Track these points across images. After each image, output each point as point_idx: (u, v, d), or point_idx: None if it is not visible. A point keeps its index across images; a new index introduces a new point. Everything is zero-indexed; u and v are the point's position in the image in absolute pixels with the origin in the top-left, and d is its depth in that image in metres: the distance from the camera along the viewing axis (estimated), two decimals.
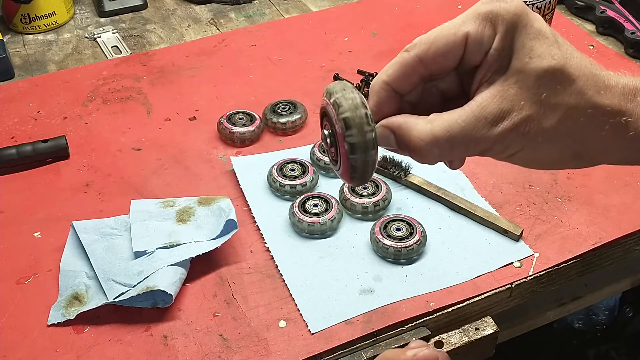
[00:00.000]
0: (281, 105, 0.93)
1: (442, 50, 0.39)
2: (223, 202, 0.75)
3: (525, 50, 0.36)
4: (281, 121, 0.90)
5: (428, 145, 0.39)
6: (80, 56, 1.10)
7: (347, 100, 0.40)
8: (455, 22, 0.38)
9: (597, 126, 0.38)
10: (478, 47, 0.38)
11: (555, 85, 0.36)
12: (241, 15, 1.21)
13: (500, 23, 0.37)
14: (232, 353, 0.64)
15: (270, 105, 0.93)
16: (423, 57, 0.40)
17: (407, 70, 0.41)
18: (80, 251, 0.73)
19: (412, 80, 0.41)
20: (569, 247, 0.74)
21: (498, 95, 0.37)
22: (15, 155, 0.85)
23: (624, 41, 1.08)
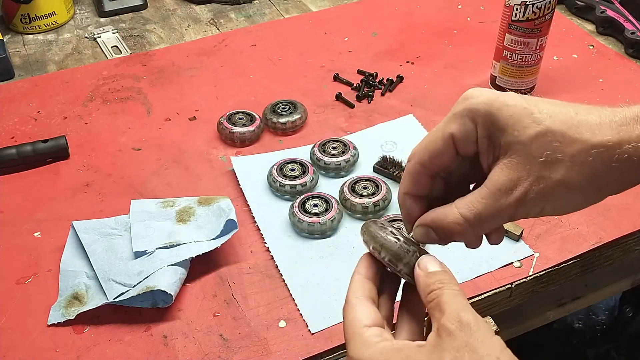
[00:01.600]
0: (281, 105, 0.93)
1: (436, 153, 0.45)
2: (223, 202, 0.75)
3: (509, 128, 0.42)
4: (281, 121, 0.90)
5: (462, 227, 0.44)
6: (80, 56, 1.10)
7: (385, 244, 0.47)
8: (440, 127, 0.45)
9: (605, 161, 0.41)
10: (466, 140, 0.44)
11: (550, 143, 0.41)
12: (241, 15, 1.21)
13: (477, 115, 0.43)
14: (232, 353, 0.64)
15: (270, 105, 0.93)
16: (423, 162, 0.46)
17: (416, 176, 0.47)
18: (80, 251, 0.73)
19: (423, 183, 0.47)
20: (569, 247, 0.74)
21: (505, 168, 0.42)
22: (15, 155, 0.85)
23: (624, 41, 1.08)
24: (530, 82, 0.97)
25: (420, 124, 0.92)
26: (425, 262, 0.46)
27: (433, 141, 0.45)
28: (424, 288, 0.44)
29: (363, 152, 0.86)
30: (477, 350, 0.38)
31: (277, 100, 0.93)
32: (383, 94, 0.99)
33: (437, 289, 0.43)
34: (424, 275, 0.45)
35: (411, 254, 0.46)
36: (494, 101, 0.43)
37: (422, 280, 0.45)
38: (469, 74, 1.03)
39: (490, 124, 0.43)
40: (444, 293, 0.43)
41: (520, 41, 0.92)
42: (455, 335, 0.39)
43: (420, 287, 0.45)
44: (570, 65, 1.05)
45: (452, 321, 0.40)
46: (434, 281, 0.44)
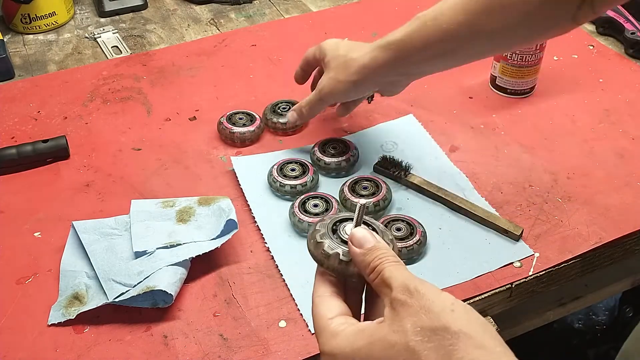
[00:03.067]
0: (281, 105, 0.93)
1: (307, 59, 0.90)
2: (223, 202, 0.75)
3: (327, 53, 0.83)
4: (281, 121, 0.90)
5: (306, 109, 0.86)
6: (81, 56, 1.10)
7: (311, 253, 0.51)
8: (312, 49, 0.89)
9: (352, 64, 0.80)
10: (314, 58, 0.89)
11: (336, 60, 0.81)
12: (241, 15, 1.21)
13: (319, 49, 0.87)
14: (232, 353, 0.64)
15: (270, 105, 0.93)
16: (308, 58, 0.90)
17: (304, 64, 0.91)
18: (81, 251, 0.73)
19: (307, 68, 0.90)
20: (569, 247, 0.74)
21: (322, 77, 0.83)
22: (15, 155, 0.85)
23: (624, 41, 1.08)
24: (531, 82, 0.97)
25: (420, 124, 0.92)
26: (359, 238, 0.47)
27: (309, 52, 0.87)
28: (364, 267, 0.47)
29: (363, 152, 0.86)
30: (431, 309, 0.41)
31: (277, 101, 0.94)
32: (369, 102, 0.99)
33: (378, 265, 0.46)
34: (360, 253, 0.47)
35: (333, 257, 0.48)
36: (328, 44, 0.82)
37: (361, 260, 0.47)
38: (469, 74, 1.03)
39: (323, 52, 0.82)
40: (385, 268, 0.45)
41: None
42: (409, 304, 0.42)
43: (360, 267, 0.47)
44: (571, 65, 1.05)
45: (402, 292, 0.43)
46: (373, 258, 0.46)
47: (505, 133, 0.91)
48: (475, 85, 1.01)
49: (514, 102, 0.97)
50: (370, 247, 0.47)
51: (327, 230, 0.50)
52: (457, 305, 0.42)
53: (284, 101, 0.93)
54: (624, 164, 0.85)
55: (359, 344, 0.43)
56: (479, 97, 0.98)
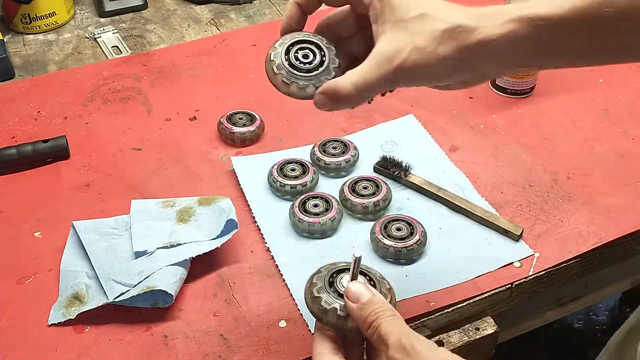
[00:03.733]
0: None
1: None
2: (223, 202, 0.75)
3: (398, 7, 0.50)
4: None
5: (351, 91, 0.51)
6: (81, 56, 1.10)
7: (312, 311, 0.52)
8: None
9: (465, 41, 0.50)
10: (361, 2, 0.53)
11: (426, 23, 0.50)
12: (241, 15, 1.21)
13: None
14: (232, 353, 0.65)
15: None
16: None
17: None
18: (81, 251, 0.73)
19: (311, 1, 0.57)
20: (569, 247, 0.74)
21: (389, 40, 0.50)
22: (15, 155, 0.85)
23: None
24: (530, 82, 0.97)
25: (420, 124, 0.92)
26: (355, 292, 0.47)
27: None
28: (361, 323, 0.47)
29: (363, 152, 0.86)
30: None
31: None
32: (383, 94, 0.99)
33: (374, 321, 0.45)
34: (357, 308, 0.47)
35: (330, 312, 0.48)
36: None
37: (358, 315, 0.47)
38: None
39: (386, 2, 0.51)
40: (382, 324, 0.45)
41: None
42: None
43: (357, 322, 0.47)
44: None
45: (398, 350, 0.43)
46: (369, 313, 0.46)
47: (505, 133, 0.91)
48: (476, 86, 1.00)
49: (514, 102, 0.97)
50: (365, 302, 0.47)
51: (323, 283, 0.50)
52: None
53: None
54: (624, 164, 0.85)
55: None
56: (479, 97, 0.98)
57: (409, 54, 0.49)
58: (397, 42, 0.50)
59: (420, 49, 0.49)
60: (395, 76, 0.50)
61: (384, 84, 0.51)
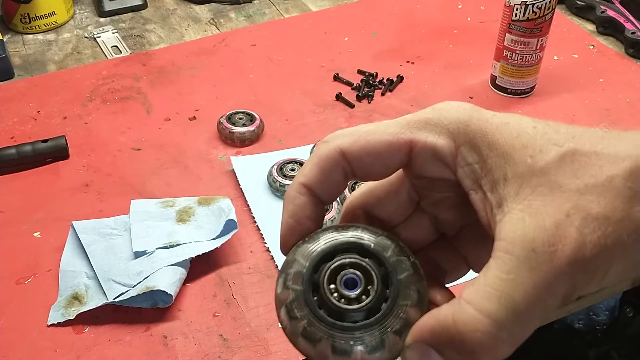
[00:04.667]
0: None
1: (371, 150, 0.30)
2: (223, 202, 0.75)
3: (518, 153, 0.27)
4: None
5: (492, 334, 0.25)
6: (80, 56, 1.10)
7: None
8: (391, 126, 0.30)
9: None
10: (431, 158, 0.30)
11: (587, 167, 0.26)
12: (241, 15, 1.21)
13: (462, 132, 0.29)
14: (232, 353, 0.64)
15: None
16: (348, 153, 0.31)
17: (327, 166, 0.31)
18: (80, 251, 0.73)
19: (334, 179, 0.31)
20: None
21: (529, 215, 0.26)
22: (14, 155, 0.85)
23: (624, 41, 1.08)
24: (531, 82, 0.97)
25: None
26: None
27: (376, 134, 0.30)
28: None
29: None
30: None
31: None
32: (383, 94, 0.99)
33: None
34: None
35: None
36: (490, 117, 0.29)
37: None
38: (470, 73, 1.03)
39: (485, 144, 0.28)
40: None
41: (521, 41, 0.92)
42: None
43: None
44: (571, 65, 1.04)
45: None
46: None
47: None
48: (475, 85, 1.00)
49: (514, 101, 0.97)
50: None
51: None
52: None
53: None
54: None
55: None
56: (479, 97, 0.98)
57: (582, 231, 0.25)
58: (550, 214, 0.26)
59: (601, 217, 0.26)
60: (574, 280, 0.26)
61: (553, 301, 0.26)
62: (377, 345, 0.27)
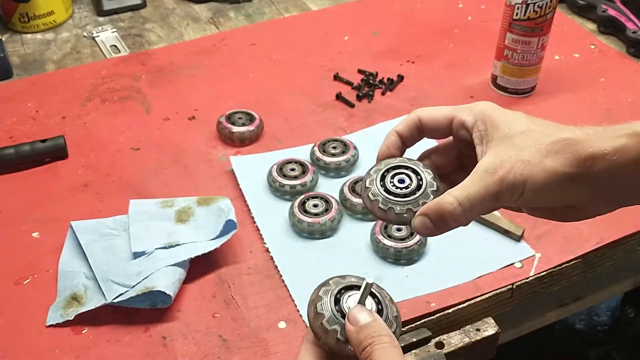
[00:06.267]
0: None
1: (435, 118, 0.53)
2: (222, 203, 0.74)
3: (502, 125, 0.49)
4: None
5: (456, 210, 0.47)
6: (79, 55, 1.10)
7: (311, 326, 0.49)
8: (448, 108, 0.53)
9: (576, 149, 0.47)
10: (462, 126, 0.52)
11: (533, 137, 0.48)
12: (241, 14, 1.20)
13: (479, 113, 0.51)
14: (231, 354, 0.64)
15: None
16: (422, 118, 0.53)
17: (410, 123, 0.54)
18: (79, 251, 0.73)
19: (412, 133, 0.54)
20: (570, 248, 0.74)
21: (491, 155, 0.48)
22: (13, 155, 0.85)
23: (625, 40, 1.07)
24: (532, 82, 0.97)
25: None
26: (355, 315, 0.46)
27: (438, 110, 0.54)
28: (356, 346, 0.46)
29: (363, 152, 0.86)
30: None
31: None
32: (383, 94, 0.99)
33: (368, 346, 0.45)
34: (354, 331, 0.46)
35: (331, 334, 0.47)
36: (493, 107, 0.51)
37: (354, 338, 0.46)
38: (470, 73, 1.02)
39: (489, 121, 0.50)
40: (375, 349, 0.44)
41: (521, 40, 0.91)
42: None
43: (353, 345, 0.46)
44: (572, 64, 1.04)
45: None
46: (365, 336, 0.45)
47: None
48: (476, 85, 1.00)
49: (515, 101, 0.97)
50: (363, 325, 0.46)
51: (329, 299, 0.48)
52: None
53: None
54: None
55: None
56: (480, 97, 0.98)
57: (513, 166, 0.46)
58: (502, 156, 0.47)
59: (526, 162, 0.46)
60: (501, 189, 0.46)
61: (489, 199, 0.47)
62: (404, 211, 0.49)
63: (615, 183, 0.46)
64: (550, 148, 0.46)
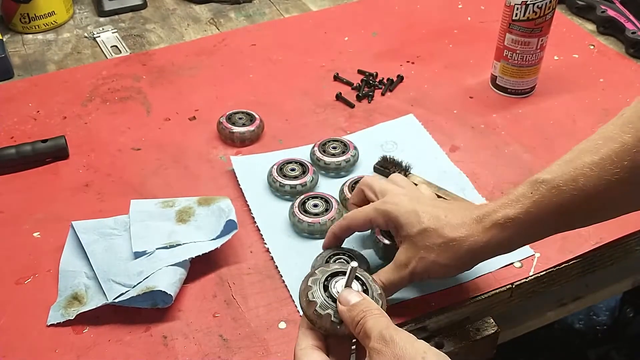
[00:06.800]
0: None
1: (358, 220, 0.67)
2: (223, 203, 0.75)
3: (405, 227, 0.63)
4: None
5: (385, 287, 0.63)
6: (80, 56, 1.10)
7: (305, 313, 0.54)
8: (365, 211, 0.66)
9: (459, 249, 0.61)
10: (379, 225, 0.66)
11: (428, 238, 0.61)
12: (241, 14, 1.21)
13: (388, 217, 0.64)
14: (232, 354, 0.64)
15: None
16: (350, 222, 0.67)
17: (340, 232, 0.69)
18: (80, 251, 0.73)
19: (344, 232, 0.69)
20: (569, 247, 0.74)
21: (402, 251, 0.63)
22: (14, 155, 0.85)
23: (624, 41, 1.08)
24: (531, 82, 0.97)
25: (420, 123, 0.92)
26: (346, 296, 0.52)
27: (360, 213, 0.66)
28: (350, 322, 0.51)
29: (363, 152, 0.86)
30: (404, 357, 0.46)
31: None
32: (383, 94, 0.99)
33: (361, 319, 0.50)
34: (347, 310, 0.51)
35: (325, 318, 0.52)
36: (399, 208, 0.63)
37: (347, 317, 0.51)
38: (470, 73, 1.03)
39: (396, 223, 0.64)
40: (367, 320, 0.50)
41: (521, 41, 0.92)
42: (383, 352, 0.46)
43: (347, 323, 0.51)
44: (571, 65, 1.04)
45: (378, 341, 0.47)
46: (357, 312, 0.50)
47: (506, 133, 0.91)
48: (475, 85, 1.00)
49: (515, 101, 0.97)
50: (355, 303, 0.51)
51: (318, 287, 0.53)
52: (430, 354, 0.46)
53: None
54: None
55: None
56: (479, 97, 0.98)
57: (417, 262, 0.62)
58: (408, 253, 0.63)
59: (424, 259, 0.62)
60: (411, 277, 0.63)
61: (405, 283, 0.64)
62: None
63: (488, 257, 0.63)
64: (441, 248, 0.61)
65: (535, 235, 0.61)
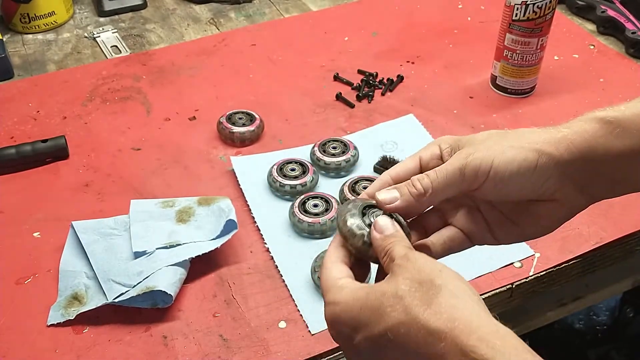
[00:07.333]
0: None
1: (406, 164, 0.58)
2: (223, 202, 0.75)
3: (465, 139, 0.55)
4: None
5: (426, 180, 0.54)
6: (80, 56, 1.10)
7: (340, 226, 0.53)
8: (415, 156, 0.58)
9: None
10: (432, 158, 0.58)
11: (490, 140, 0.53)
12: (241, 14, 1.21)
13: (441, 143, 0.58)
14: (232, 354, 0.64)
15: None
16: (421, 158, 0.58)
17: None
18: (80, 251, 0.73)
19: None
20: (569, 247, 0.74)
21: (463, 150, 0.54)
22: (14, 155, 0.85)
23: (624, 41, 1.08)
24: (531, 82, 0.97)
25: (420, 123, 0.92)
26: (382, 225, 0.52)
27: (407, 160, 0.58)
28: (379, 250, 0.51)
29: (363, 152, 0.86)
30: (423, 269, 0.47)
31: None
32: (383, 94, 0.99)
33: (389, 246, 0.50)
34: (379, 238, 0.51)
35: (358, 237, 0.52)
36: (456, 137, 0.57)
37: (378, 244, 0.51)
38: (470, 73, 1.03)
39: (454, 141, 0.56)
40: (394, 248, 0.50)
41: (521, 41, 0.92)
42: (405, 267, 0.47)
43: (377, 251, 0.51)
44: (571, 65, 1.04)
45: (401, 260, 0.48)
46: (388, 243, 0.50)
47: None
48: (475, 85, 1.00)
49: (515, 101, 0.97)
50: (388, 234, 0.51)
51: (358, 211, 0.54)
52: (446, 270, 0.48)
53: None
54: None
55: (359, 294, 0.47)
56: (479, 97, 0.98)
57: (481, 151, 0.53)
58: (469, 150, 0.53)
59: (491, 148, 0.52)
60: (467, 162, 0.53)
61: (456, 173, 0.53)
62: None
63: (583, 167, 0.51)
64: (519, 134, 0.52)
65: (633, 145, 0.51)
